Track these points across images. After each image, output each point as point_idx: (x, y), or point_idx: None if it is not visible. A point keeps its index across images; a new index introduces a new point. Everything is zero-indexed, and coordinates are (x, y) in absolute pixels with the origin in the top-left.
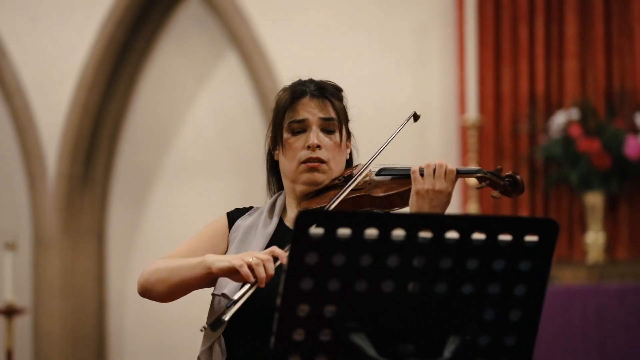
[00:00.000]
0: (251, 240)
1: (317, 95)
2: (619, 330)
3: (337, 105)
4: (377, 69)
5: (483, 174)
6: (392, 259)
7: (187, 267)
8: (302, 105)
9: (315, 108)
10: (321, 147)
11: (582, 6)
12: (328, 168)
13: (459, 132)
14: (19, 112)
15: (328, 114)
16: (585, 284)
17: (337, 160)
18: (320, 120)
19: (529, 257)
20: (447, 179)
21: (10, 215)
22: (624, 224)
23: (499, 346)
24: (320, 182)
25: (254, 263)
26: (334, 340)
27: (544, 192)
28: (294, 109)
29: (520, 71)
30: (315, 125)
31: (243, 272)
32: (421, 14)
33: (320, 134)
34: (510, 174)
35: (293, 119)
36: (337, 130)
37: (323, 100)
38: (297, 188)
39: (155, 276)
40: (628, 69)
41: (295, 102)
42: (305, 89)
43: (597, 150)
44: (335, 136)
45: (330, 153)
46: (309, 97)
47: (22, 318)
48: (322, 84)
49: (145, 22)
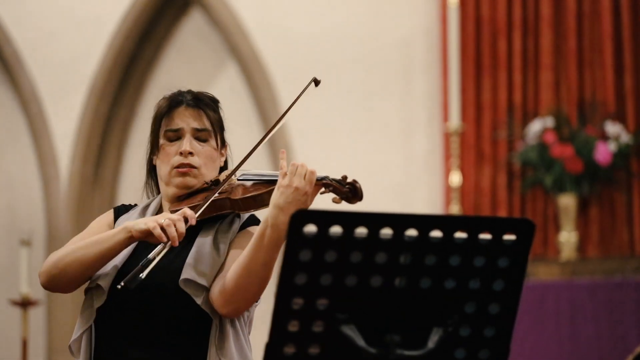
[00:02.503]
0: None
1: (193, 105)
2: (589, 322)
3: (211, 116)
4: (367, 79)
5: (328, 182)
6: (380, 256)
7: (106, 239)
8: (178, 114)
9: (190, 117)
10: (193, 154)
11: (556, 22)
12: (199, 173)
13: (443, 138)
14: (35, 118)
15: (202, 124)
16: (558, 279)
17: (208, 166)
18: (194, 130)
19: (507, 255)
20: (307, 180)
21: (26, 214)
22: (594, 224)
23: (479, 337)
24: (192, 186)
25: (165, 224)
26: (326, 331)
27: (521, 194)
28: (170, 117)
29: (499, 82)
30: (189, 134)
31: (156, 233)
32: (407, 29)
33: (194, 141)
34: (351, 182)
35: (169, 127)
36: (211, 139)
37: (198, 110)
38: (169, 191)
39: (65, 260)
40: (599, 81)
41: (172, 110)
42: (182, 98)
43: (569, 155)
44: (208, 144)
45: (202, 160)
46: (184, 106)
47: (36, 309)
48: (198, 94)
49: (151, 35)
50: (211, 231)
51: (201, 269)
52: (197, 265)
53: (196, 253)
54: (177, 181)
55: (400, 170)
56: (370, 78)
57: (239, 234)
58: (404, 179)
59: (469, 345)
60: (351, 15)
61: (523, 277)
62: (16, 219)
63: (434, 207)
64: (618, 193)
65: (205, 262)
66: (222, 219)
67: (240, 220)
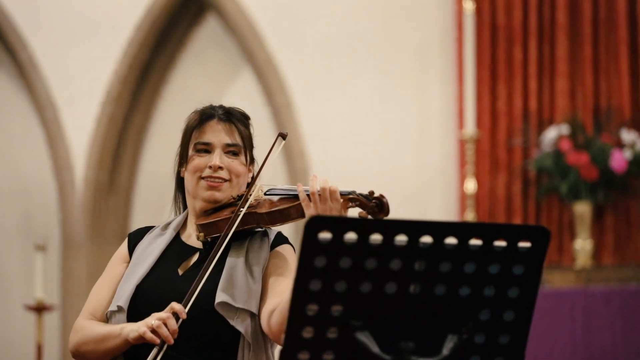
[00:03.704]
0: (148, 253)
1: (224, 120)
2: (604, 330)
3: (242, 131)
4: (382, 85)
5: (355, 196)
6: (395, 263)
7: (110, 338)
8: (210, 127)
9: (221, 132)
10: (223, 168)
11: (572, 29)
12: (228, 187)
13: (458, 145)
14: (50, 124)
15: (233, 139)
16: (573, 287)
17: (237, 181)
18: (225, 145)
19: (522, 262)
20: (334, 199)
21: (42, 219)
22: (609, 232)
23: (493, 344)
24: (219, 201)
25: (155, 326)
26: (340, 338)
27: (536, 202)
28: (201, 130)
29: (514, 89)
30: (219, 148)
31: (148, 337)
32: (423, 36)
33: (224, 156)
34: (378, 197)
35: (199, 140)
36: (240, 154)
37: (230, 124)
38: (197, 204)
39: (84, 348)
40: (614, 88)
41: (204, 123)
42: (214, 112)
43: (585, 163)
44: (238, 159)
45: (232, 174)
46: (216, 120)
47: (51, 314)
48: (230, 109)
49: (166, 41)
50: (241, 251)
51: (235, 292)
52: (231, 289)
53: (229, 276)
54: (205, 195)
55: (415, 177)
56: (385, 85)
57: (271, 255)
58: (419, 186)
59: (483, 353)
60: (366, 22)
61: (538, 284)
62: (31, 225)
63: (449, 214)
64: (633, 201)
65: (239, 286)
66: (250, 236)
67: (269, 239)
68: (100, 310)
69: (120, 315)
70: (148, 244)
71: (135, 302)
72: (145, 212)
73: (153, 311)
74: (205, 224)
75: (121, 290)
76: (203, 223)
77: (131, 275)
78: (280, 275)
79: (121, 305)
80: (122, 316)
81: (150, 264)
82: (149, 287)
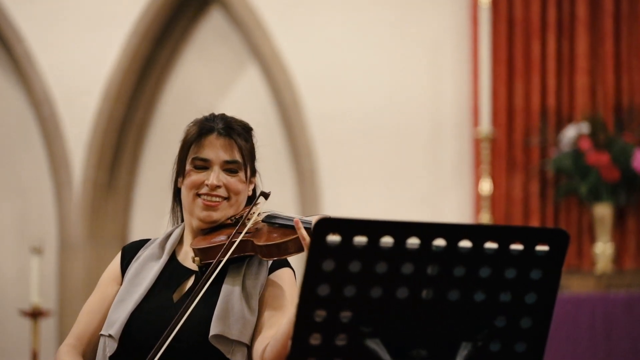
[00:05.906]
0: (143, 276)
1: (224, 135)
2: (625, 338)
3: (242, 146)
4: (393, 82)
5: None
6: (406, 267)
7: None
8: (209, 142)
9: (220, 149)
10: (221, 186)
11: (593, 24)
12: (227, 205)
13: (473, 144)
14: (47, 121)
15: (232, 156)
16: (593, 292)
17: (236, 199)
18: (223, 163)
19: (539, 266)
20: None
21: (37, 221)
22: (631, 235)
23: (509, 352)
24: (216, 221)
25: None
26: (349, 345)
27: (554, 203)
28: (199, 145)
29: (532, 86)
30: (217, 166)
31: None
32: (436, 30)
33: (222, 174)
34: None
35: (197, 155)
36: (240, 171)
37: (229, 140)
38: (193, 222)
39: None
40: (636, 85)
41: (202, 138)
42: (214, 126)
43: (606, 163)
44: (237, 177)
45: (230, 192)
46: (215, 135)
47: (47, 320)
48: (231, 122)
49: (168, 35)
50: (238, 277)
51: (231, 322)
52: (226, 319)
53: (225, 304)
54: (202, 215)
55: (428, 177)
56: (396, 80)
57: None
58: (432, 186)
59: None
60: (377, 16)
61: (556, 290)
62: (27, 226)
63: (463, 216)
64: None
65: (235, 316)
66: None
67: (267, 263)
68: (87, 336)
69: (112, 342)
70: (142, 266)
71: (128, 329)
72: (145, 213)
73: (146, 339)
74: (201, 249)
75: (113, 316)
76: (199, 248)
77: (124, 302)
78: (275, 309)
79: (112, 335)
80: (114, 344)
81: (144, 291)
82: (142, 315)
